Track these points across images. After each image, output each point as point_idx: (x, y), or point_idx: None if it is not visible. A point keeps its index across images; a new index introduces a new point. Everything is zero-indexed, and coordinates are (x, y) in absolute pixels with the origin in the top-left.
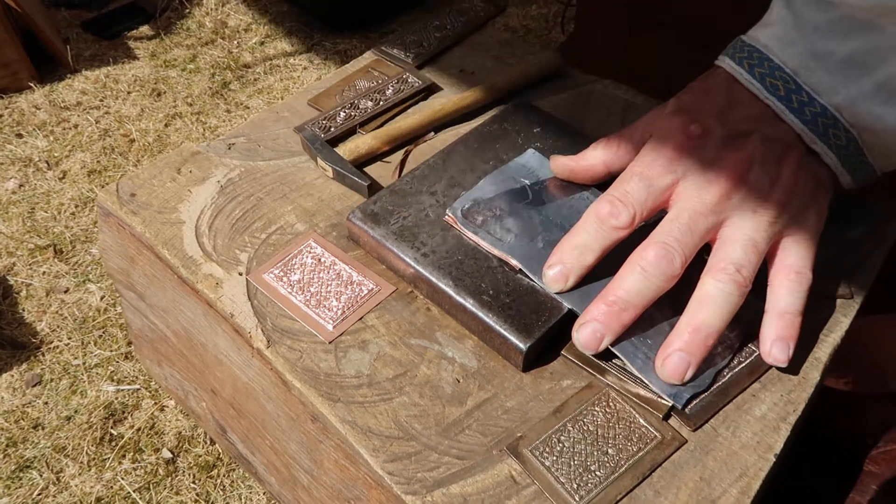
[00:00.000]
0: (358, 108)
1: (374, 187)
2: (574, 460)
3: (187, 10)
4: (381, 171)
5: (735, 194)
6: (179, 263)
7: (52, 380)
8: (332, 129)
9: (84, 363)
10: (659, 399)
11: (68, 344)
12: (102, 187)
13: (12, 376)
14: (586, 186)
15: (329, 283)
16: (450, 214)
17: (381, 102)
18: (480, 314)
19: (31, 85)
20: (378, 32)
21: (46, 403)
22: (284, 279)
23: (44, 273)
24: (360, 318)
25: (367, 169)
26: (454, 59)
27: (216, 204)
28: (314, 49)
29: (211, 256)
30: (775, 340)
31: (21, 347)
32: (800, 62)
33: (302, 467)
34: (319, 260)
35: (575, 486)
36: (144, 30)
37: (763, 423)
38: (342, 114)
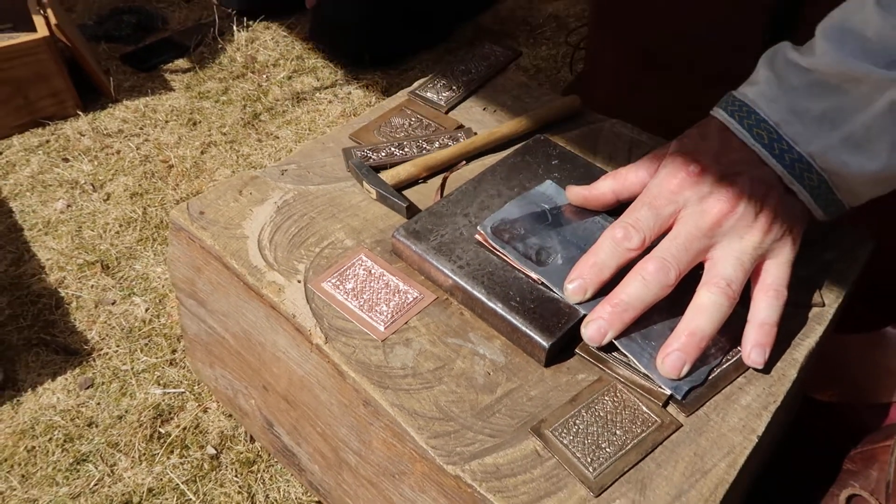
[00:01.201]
0: (403, 149)
1: (411, 208)
2: (587, 439)
3: (220, 46)
4: (418, 196)
5: (726, 222)
6: (246, 272)
7: (103, 383)
8: (375, 159)
9: (132, 368)
10: (659, 390)
11: (117, 351)
12: (144, 209)
13: (66, 380)
14: (597, 212)
15: (379, 291)
16: (480, 231)
17: (425, 151)
18: (509, 317)
19: (77, 113)
20: (398, 69)
21: (99, 404)
22: (340, 287)
23: (92, 286)
24: (407, 322)
25: (405, 192)
26: (478, 99)
27: (274, 222)
28: (338, 84)
29: (273, 266)
30: (754, 346)
31: (74, 353)
32: (781, 116)
33: (351, 449)
34: (370, 272)
35: (589, 459)
36: (180, 63)
37: (748, 411)
38: (389, 149)
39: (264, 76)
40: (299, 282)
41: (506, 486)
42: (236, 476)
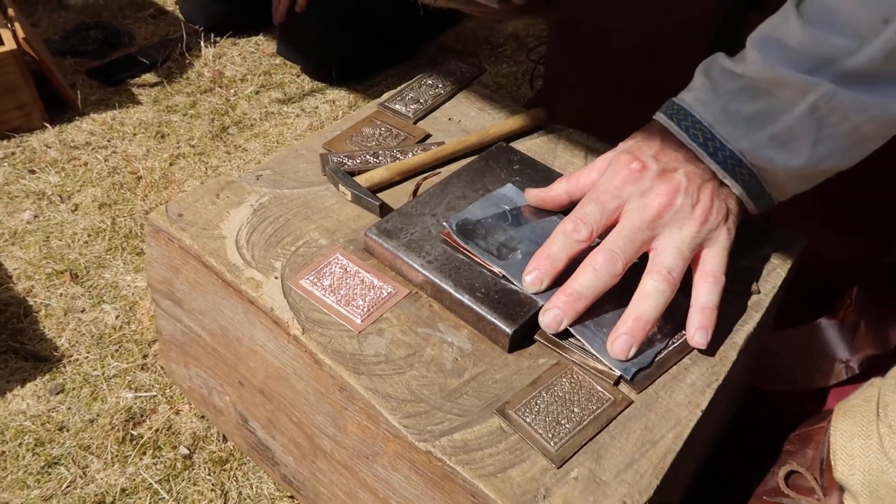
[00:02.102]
0: (378, 158)
1: (384, 208)
2: (548, 417)
3: (187, 61)
4: (390, 199)
5: (666, 214)
6: (225, 269)
7: (73, 388)
8: (350, 165)
9: (103, 374)
10: (610, 370)
11: (87, 357)
12: (113, 220)
13: (36, 385)
14: (553, 212)
15: (355, 287)
16: (446, 228)
17: (399, 160)
18: (475, 307)
19: (44, 125)
20: (364, 85)
21: (70, 409)
22: (318, 284)
23: (61, 295)
24: (382, 315)
25: (378, 195)
26: (445, 110)
27: (251, 223)
28: (305, 98)
29: (250, 264)
30: (697, 328)
31: (43, 360)
32: (714, 118)
33: (326, 435)
34: (346, 269)
35: (550, 435)
36: (147, 78)
37: (693, 388)
38: (364, 157)
39: (232, 91)
40: (276, 278)
41: (473, 458)
42: (209, 475)
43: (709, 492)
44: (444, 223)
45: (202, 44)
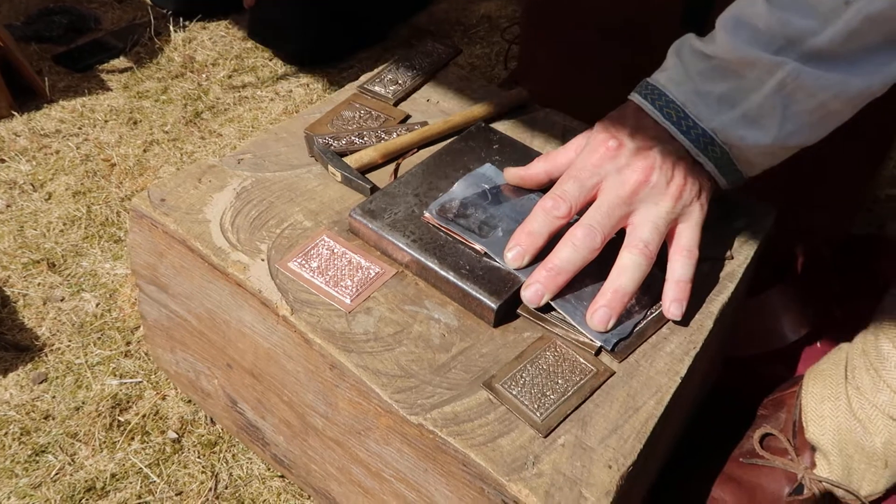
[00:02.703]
0: (363, 138)
1: (374, 189)
2: (534, 389)
3: (156, 46)
4: (375, 180)
5: (642, 191)
6: (211, 253)
7: (57, 377)
8: (336, 146)
9: (86, 362)
10: (591, 342)
11: (69, 346)
12: (88, 207)
13: (19, 375)
14: (532, 190)
15: (343, 268)
16: (426, 214)
17: (383, 140)
18: (461, 284)
19: (11, 113)
20: (337, 68)
21: (54, 397)
22: (306, 266)
23: (39, 284)
24: (371, 295)
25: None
26: (423, 91)
27: (234, 207)
28: (279, 82)
29: (236, 247)
30: (672, 301)
31: (24, 350)
32: (687, 98)
33: (317, 413)
34: (333, 251)
35: (535, 406)
36: (116, 63)
37: (672, 357)
38: (350, 138)
39: (204, 75)
40: (263, 260)
41: (463, 430)
42: (199, 457)
43: (689, 455)
44: (425, 211)
45: (171, 28)
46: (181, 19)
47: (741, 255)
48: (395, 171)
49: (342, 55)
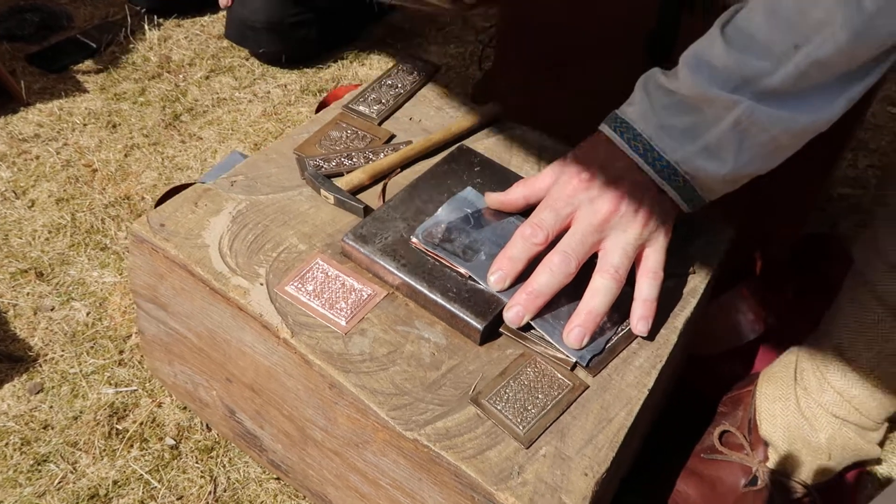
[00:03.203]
0: (352, 159)
1: (367, 210)
2: (516, 404)
3: (131, 45)
4: (365, 200)
5: (613, 219)
6: (212, 278)
7: (52, 387)
8: (326, 168)
9: (81, 371)
10: (567, 358)
11: (63, 356)
12: (73, 215)
13: (14, 386)
14: (511, 213)
15: (337, 291)
16: (413, 240)
17: (371, 161)
18: (448, 306)
19: None
20: (314, 67)
21: (52, 407)
22: (302, 289)
23: (28, 294)
24: (365, 316)
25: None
26: (405, 110)
27: (231, 231)
28: (256, 83)
29: (236, 272)
30: (640, 319)
31: (18, 360)
32: (653, 131)
33: (317, 426)
34: (327, 274)
35: (518, 419)
36: (91, 64)
37: (640, 370)
38: (339, 159)
39: (181, 76)
40: (262, 284)
41: (455, 444)
42: (197, 462)
43: (656, 452)
44: (412, 237)
45: (146, 26)
46: (155, 17)
47: (702, 271)
48: (383, 192)
49: (319, 55)
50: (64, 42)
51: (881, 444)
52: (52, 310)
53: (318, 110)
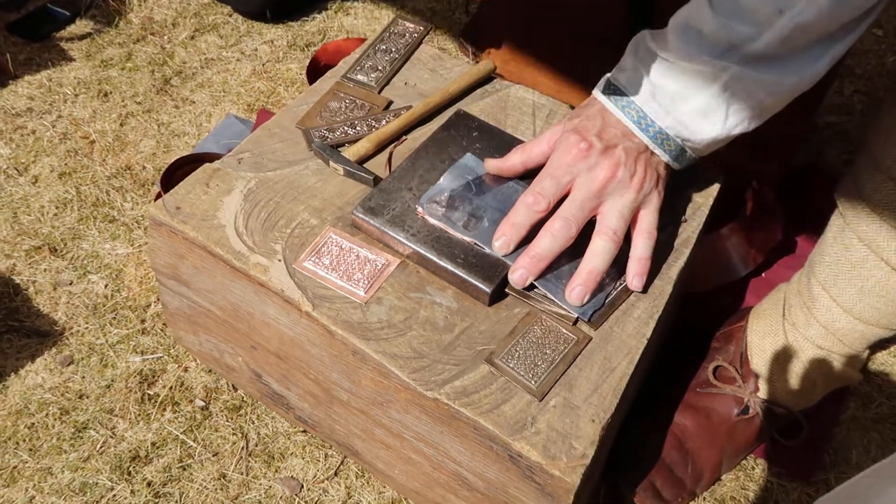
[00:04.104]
0: (356, 128)
1: (377, 180)
2: (526, 361)
3: (112, 7)
4: (370, 166)
5: (610, 185)
6: (232, 257)
7: (82, 358)
8: (331, 138)
9: (107, 341)
10: (570, 314)
11: (87, 328)
12: (77, 188)
13: (45, 360)
14: (510, 178)
15: (352, 262)
16: (419, 209)
17: (374, 128)
18: (457, 271)
19: None
20: (298, 21)
21: (84, 377)
22: (319, 263)
23: (45, 270)
24: (381, 286)
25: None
26: (400, 75)
27: (245, 210)
28: (243, 41)
29: (254, 250)
30: (635, 275)
31: (45, 335)
32: (643, 99)
33: (342, 388)
34: (341, 247)
35: (530, 375)
36: (73, 30)
37: (639, 321)
38: (343, 128)
39: (165, 38)
40: (279, 260)
41: (472, 400)
42: (228, 421)
43: (654, 386)
44: (417, 205)
45: None
46: None
47: (694, 221)
48: (389, 162)
49: (302, 7)
50: (42, 8)
51: (862, 369)
52: (70, 284)
53: (309, 68)
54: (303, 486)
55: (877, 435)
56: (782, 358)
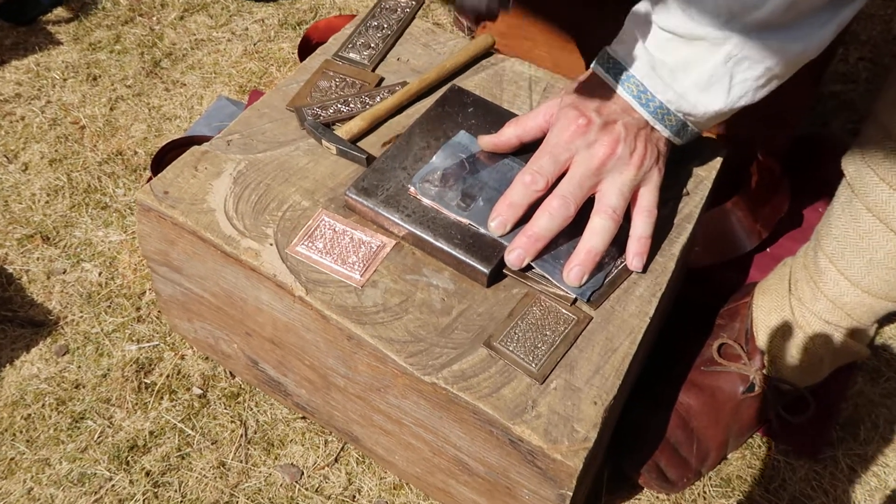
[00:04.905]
0: (349, 105)
1: (370, 159)
2: (526, 343)
3: None
4: (364, 146)
5: (609, 162)
6: (222, 242)
7: (77, 348)
8: (324, 116)
9: (102, 330)
10: (568, 295)
11: (82, 317)
12: (68, 175)
13: (41, 350)
14: (506, 155)
15: (346, 245)
16: (411, 188)
17: (368, 105)
18: (454, 252)
19: None
20: None
21: (80, 367)
22: (313, 247)
23: (38, 258)
24: (377, 268)
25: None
26: (393, 51)
27: (234, 193)
28: (233, 20)
29: (245, 234)
30: (635, 255)
31: (40, 325)
32: (644, 72)
33: (339, 374)
34: (334, 230)
35: (530, 357)
36: (59, 13)
37: (641, 300)
38: (336, 106)
39: (154, 19)
40: (271, 244)
41: (471, 384)
42: (226, 408)
43: (656, 367)
44: (409, 185)
45: None
46: None
47: (697, 195)
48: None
49: None
50: None
51: (869, 344)
52: (63, 273)
53: (300, 46)
54: (303, 472)
55: (885, 410)
56: (788, 334)
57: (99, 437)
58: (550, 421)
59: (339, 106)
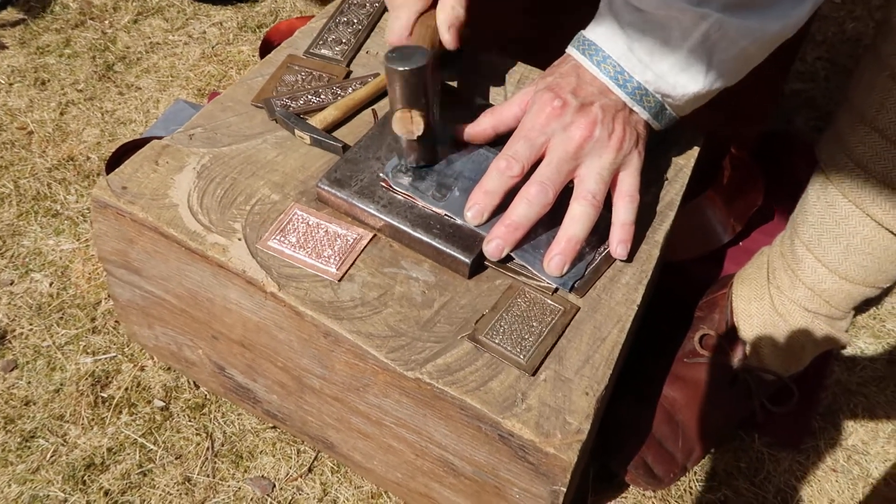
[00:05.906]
0: (320, 96)
1: (346, 148)
2: (513, 336)
3: None
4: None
5: (587, 145)
6: (186, 238)
7: (27, 362)
8: (294, 107)
9: (54, 343)
10: (549, 285)
11: (31, 329)
12: (16, 182)
13: None
14: (481, 144)
15: (321, 239)
16: (383, 178)
17: (339, 97)
18: (434, 243)
19: None
20: (248, 2)
21: (30, 383)
22: (285, 241)
23: None
24: (354, 261)
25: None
26: (364, 45)
27: (199, 187)
28: (190, 23)
29: (210, 229)
30: (619, 242)
31: None
32: (620, 53)
33: (314, 374)
34: (308, 223)
35: (517, 350)
36: (4, 16)
37: (627, 287)
38: (306, 97)
39: (106, 22)
40: (240, 239)
41: (457, 378)
42: (190, 420)
43: (638, 362)
44: (380, 174)
45: None
46: None
47: (677, 182)
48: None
49: None
50: None
51: (847, 330)
52: (11, 284)
53: (261, 48)
54: (275, 485)
55: (863, 398)
56: (769, 323)
57: (52, 457)
58: (541, 413)
59: (310, 97)
